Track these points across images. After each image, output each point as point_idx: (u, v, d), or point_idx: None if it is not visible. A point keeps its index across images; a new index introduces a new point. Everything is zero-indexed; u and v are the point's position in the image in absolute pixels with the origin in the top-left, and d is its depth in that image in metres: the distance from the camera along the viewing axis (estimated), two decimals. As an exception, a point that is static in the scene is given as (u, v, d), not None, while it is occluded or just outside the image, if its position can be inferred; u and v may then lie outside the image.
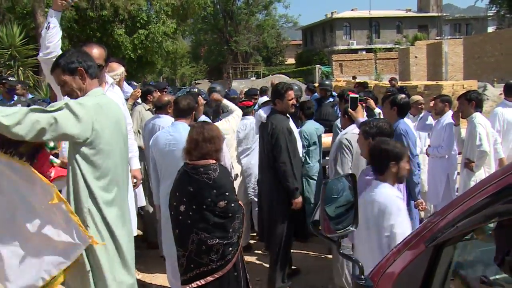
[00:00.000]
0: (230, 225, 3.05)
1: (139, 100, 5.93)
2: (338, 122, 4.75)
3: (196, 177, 3.03)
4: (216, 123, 4.25)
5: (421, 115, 6.07)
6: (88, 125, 2.33)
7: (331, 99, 7.79)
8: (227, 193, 3.04)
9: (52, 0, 3.03)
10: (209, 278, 3.03)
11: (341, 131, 4.40)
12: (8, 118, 2.11)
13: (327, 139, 5.14)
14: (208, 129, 3.15)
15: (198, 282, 3.03)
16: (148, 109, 5.67)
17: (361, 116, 4.11)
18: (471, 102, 4.91)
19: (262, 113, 4.30)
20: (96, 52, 3.10)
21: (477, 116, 4.83)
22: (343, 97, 5.37)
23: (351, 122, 4.12)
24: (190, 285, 3.05)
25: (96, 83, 2.59)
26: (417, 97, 6.22)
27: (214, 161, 3.09)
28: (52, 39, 2.94)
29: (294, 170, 4.08)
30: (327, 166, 5.05)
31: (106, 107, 2.46)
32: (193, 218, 3.02)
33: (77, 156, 2.38)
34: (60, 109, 2.27)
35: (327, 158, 5.81)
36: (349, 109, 3.98)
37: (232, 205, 3.06)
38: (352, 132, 4.03)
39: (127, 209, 2.70)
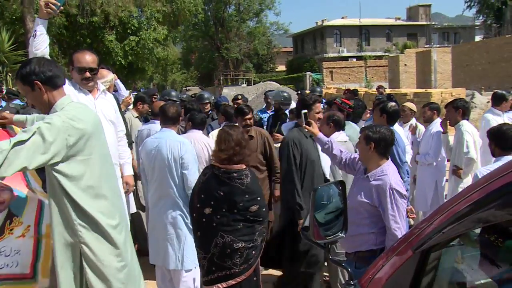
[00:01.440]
0: (258, 229, 3.09)
1: (130, 106, 5.93)
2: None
3: (227, 181, 3.04)
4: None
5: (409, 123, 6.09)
6: (61, 147, 2.22)
7: (322, 105, 7.85)
8: (258, 198, 3.09)
9: (39, 8, 3.03)
10: (231, 282, 3.03)
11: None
12: None
13: None
14: (237, 133, 3.15)
15: (219, 285, 3.04)
16: (137, 117, 5.71)
17: (327, 131, 4.01)
18: (458, 110, 4.98)
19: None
20: (89, 58, 3.21)
21: (465, 124, 4.89)
22: (331, 104, 5.41)
23: (335, 129, 4.16)
24: (211, 287, 3.06)
25: (62, 92, 2.42)
26: (409, 104, 6.25)
27: (245, 166, 3.12)
28: (39, 46, 2.95)
29: (297, 186, 3.75)
30: None
31: (76, 117, 2.32)
32: (220, 221, 3.03)
33: (55, 173, 2.27)
34: (33, 134, 2.14)
35: None
36: (305, 126, 3.61)
37: (264, 209, 3.13)
38: (337, 140, 4.08)
39: (121, 209, 2.62)
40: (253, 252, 3.06)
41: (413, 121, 6.02)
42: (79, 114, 2.36)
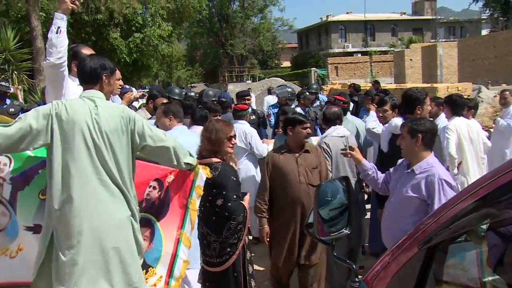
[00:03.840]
0: (225, 225, 3.09)
1: (135, 103, 5.92)
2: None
3: None
4: None
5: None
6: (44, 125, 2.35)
7: (318, 102, 7.95)
8: (224, 192, 3.08)
9: (59, 2, 2.94)
10: (210, 269, 3.17)
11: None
12: None
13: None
14: (207, 128, 3.24)
15: (205, 267, 3.22)
16: (150, 118, 5.56)
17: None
18: (440, 106, 5.01)
19: (398, 122, 3.83)
20: (88, 52, 3.19)
21: (454, 120, 4.87)
22: (329, 101, 5.42)
23: (328, 125, 4.16)
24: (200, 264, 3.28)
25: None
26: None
27: (218, 160, 3.15)
28: (63, 43, 2.89)
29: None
30: None
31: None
32: (201, 213, 3.13)
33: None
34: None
35: None
36: (348, 152, 3.40)
37: (229, 204, 3.09)
38: (331, 135, 4.07)
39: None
40: (228, 249, 3.10)
41: None
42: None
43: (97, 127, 2.41)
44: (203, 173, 2.82)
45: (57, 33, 2.84)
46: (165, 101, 5.33)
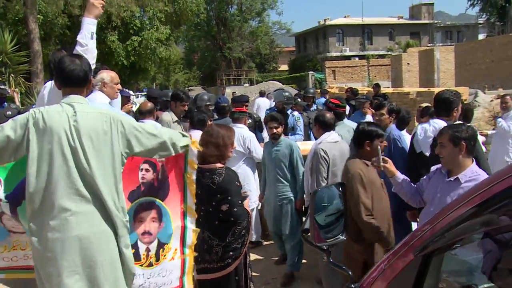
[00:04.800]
0: (230, 230, 3.09)
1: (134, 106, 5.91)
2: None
3: (202, 180, 3.09)
4: None
5: None
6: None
7: (314, 107, 7.98)
8: (229, 197, 3.08)
9: (89, 7, 2.93)
10: (208, 276, 3.14)
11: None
12: None
13: (306, 146, 5.13)
14: (208, 133, 3.21)
15: (200, 276, 3.16)
16: (176, 121, 5.33)
17: (316, 133, 4.09)
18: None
19: (441, 124, 3.65)
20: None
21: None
22: (326, 105, 5.43)
23: (324, 130, 4.15)
24: (195, 275, 3.16)
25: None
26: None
27: (222, 165, 3.14)
28: (95, 48, 2.89)
29: None
30: None
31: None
32: (203, 218, 3.10)
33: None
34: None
35: None
36: (383, 164, 3.15)
37: (235, 209, 3.09)
38: (326, 141, 4.07)
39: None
40: (231, 253, 3.10)
41: None
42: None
43: (75, 135, 2.28)
44: (193, 148, 2.80)
45: (91, 38, 2.83)
46: (149, 104, 5.35)
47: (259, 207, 5.48)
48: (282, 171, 4.62)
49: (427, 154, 3.68)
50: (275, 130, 4.64)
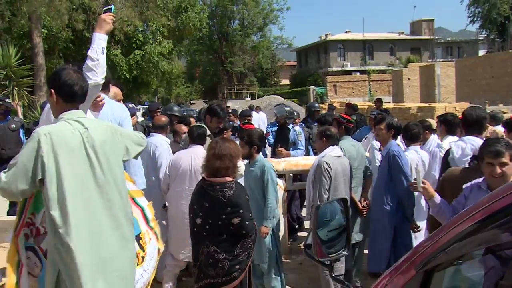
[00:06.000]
0: (239, 243, 3.10)
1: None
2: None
3: (211, 193, 3.10)
4: None
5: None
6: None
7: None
8: (241, 211, 3.09)
9: (100, 23, 2.96)
10: None
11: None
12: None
13: (308, 161, 5.12)
14: (220, 146, 3.20)
15: None
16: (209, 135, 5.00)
17: (320, 146, 4.12)
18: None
19: (478, 142, 3.62)
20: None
21: (447, 139, 4.77)
22: (321, 120, 5.43)
23: (328, 144, 4.17)
24: None
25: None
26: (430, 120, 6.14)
27: (231, 179, 3.16)
28: (105, 63, 2.94)
29: None
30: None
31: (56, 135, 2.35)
32: (207, 232, 3.11)
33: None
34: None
35: (295, 183, 5.90)
36: (423, 186, 3.05)
37: (247, 223, 3.11)
38: (330, 154, 4.09)
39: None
40: (237, 266, 3.08)
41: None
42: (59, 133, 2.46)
43: (91, 151, 2.38)
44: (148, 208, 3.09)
45: (102, 53, 2.88)
46: (163, 118, 5.36)
47: None
48: (253, 194, 4.06)
49: None
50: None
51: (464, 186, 2.99)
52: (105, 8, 3.08)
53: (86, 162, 2.36)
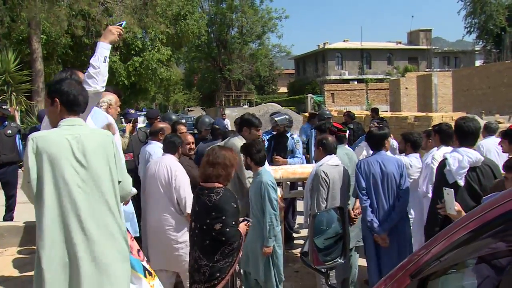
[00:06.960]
0: (220, 249, 3.08)
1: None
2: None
3: (201, 198, 3.17)
4: None
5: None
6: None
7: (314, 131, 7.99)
8: (223, 217, 3.09)
9: (106, 33, 3.01)
10: None
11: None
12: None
13: (305, 170, 5.13)
14: (214, 154, 3.24)
15: None
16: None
17: (317, 155, 4.15)
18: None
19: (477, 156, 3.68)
20: (80, 77, 3.15)
21: (441, 150, 4.66)
22: (320, 127, 5.40)
23: (325, 154, 4.19)
24: None
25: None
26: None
27: (220, 185, 3.18)
28: (106, 71, 2.97)
29: None
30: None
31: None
32: (197, 236, 3.16)
33: None
34: None
35: (291, 191, 5.92)
36: (456, 209, 2.89)
37: (228, 229, 3.08)
38: (327, 163, 4.10)
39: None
40: (217, 274, 3.06)
41: None
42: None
43: (81, 156, 2.36)
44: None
45: (104, 62, 2.92)
46: (160, 125, 5.36)
47: None
48: (253, 209, 4.03)
49: (462, 184, 3.66)
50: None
51: (484, 200, 2.82)
52: (118, 23, 3.19)
53: (70, 168, 2.32)
